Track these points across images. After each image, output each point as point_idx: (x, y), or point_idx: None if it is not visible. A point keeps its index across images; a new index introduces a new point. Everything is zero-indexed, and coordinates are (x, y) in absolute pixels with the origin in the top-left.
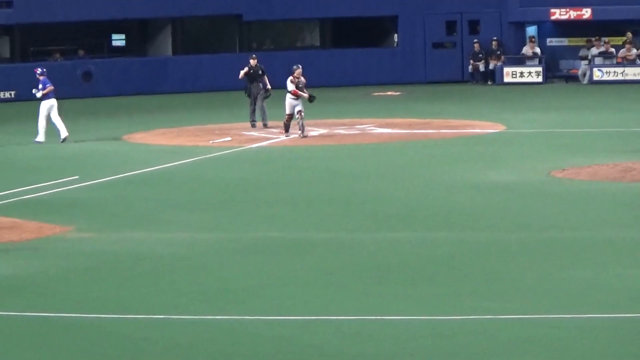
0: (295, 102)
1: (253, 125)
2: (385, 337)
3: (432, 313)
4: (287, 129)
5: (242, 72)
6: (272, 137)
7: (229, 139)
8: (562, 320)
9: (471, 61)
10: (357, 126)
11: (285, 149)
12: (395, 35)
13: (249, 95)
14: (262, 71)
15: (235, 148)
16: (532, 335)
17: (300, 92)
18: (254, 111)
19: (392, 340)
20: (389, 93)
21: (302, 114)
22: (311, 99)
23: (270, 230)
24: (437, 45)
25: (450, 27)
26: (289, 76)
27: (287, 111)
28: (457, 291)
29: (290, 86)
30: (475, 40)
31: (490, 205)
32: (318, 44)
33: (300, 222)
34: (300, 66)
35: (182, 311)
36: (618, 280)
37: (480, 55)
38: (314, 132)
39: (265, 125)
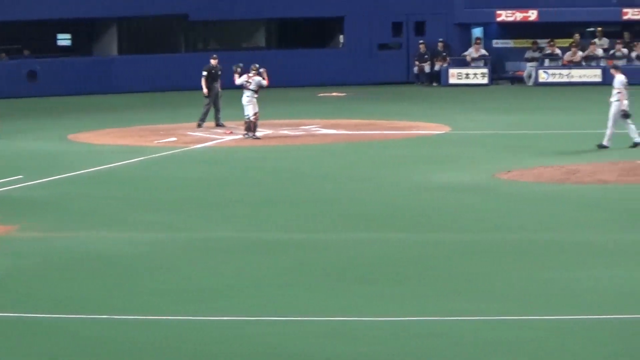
0: (255, 100)
1: (200, 126)
2: (357, 338)
3: (405, 314)
4: (256, 128)
5: (203, 82)
6: (217, 138)
7: (174, 139)
8: (537, 321)
9: (416, 62)
10: (302, 127)
11: (231, 150)
12: (341, 36)
13: (207, 96)
14: (220, 72)
15: (181, 148)
16: (509, 336)
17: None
18: (207, 112)
19: (364, 342)
20: (334, 94)
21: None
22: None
23: (234, 231)
24: (383, 47)
25: (397, 28)
26: (242, 75)
27: (255, 110)
28: (420, 292)
29: (264, 82)
30: (421, 41)
31: (442, 206)
32: (264, 45)
33: (261, 222)
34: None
35: (136, 311)
36: (593, 281)
37: (426, 57)
38: (258, 132)
39: (221, 125)
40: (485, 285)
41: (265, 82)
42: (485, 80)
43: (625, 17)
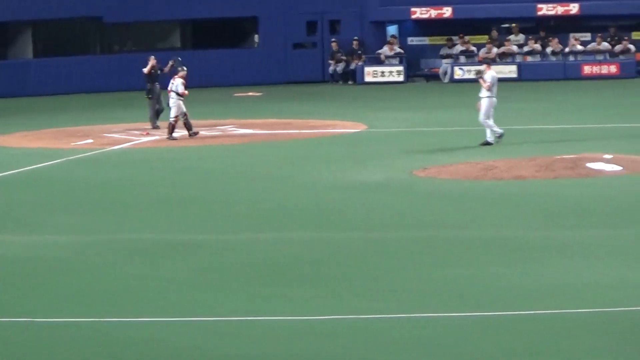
0: (181, 102)
1: (156, 127)
2: (264, 338)
3: (309, 313)
4: (173, 130)
5: (147, 68)
6: (134, 139)
7: (91, 141)
8: (439, 319)
9: (330, 61)
10: (218, 127)
11: (149, 151)
12: (256, 35)
13: (150, 97)
14: (161, 71)
15: (98, 150)
16: (410, 334)
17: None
18: (156, 112)
19: (270, 341)
20: (250, 94)
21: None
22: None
23: (141, 232)
24: (298, 46)
25: (311, 27)
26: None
27: (177, 112)
28: (332, 291)
29: (181, 87)
30: (333, 40)
31: (358, 204)
32: (179, 45)
33: (170, 224)
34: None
35: (53, 314)
36: (492, 279)
37: (339, 54)
38: (176, 133)
39: (157, 127)
40: (391, 284)
41: (181, 90)
42: (400, 78)
43: (540, 13)
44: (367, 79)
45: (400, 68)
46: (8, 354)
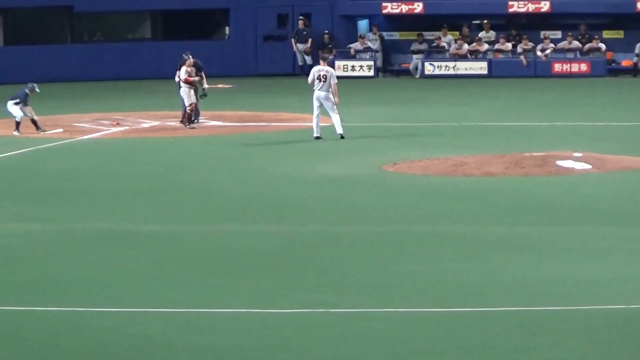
0: (191, 91)
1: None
2: (215, 330)
3: (262, 306)
4: (190, 119)
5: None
6: (104, 129)
7: (60, 130)
8: (394, 314)
9: (294, 41)
10: None
11: (117, 141)
12: (227, 27)
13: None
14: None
15: (67, 140)
16: (365, 328)
17: (193, 78)
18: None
19: (222, 333)
20: (220, 86)
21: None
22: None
23: (101, 222)
24: (268, 38)
25: (282, 19)
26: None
27: (190, 100)
28: (288, 284)
29: (184, 74)
30: (300, 17)
31: (322, 198)
32: (149, 36)
33: (131, 214)
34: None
35: (6, 302)
36: (450, 274)
37: (305, 33)
38: (145, 124)
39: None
40: (344, 278)
41: (182, 75)
42: (371, 73)
43: (511, 10)
44: (338, 73)
45: (371, 63)
46: None
